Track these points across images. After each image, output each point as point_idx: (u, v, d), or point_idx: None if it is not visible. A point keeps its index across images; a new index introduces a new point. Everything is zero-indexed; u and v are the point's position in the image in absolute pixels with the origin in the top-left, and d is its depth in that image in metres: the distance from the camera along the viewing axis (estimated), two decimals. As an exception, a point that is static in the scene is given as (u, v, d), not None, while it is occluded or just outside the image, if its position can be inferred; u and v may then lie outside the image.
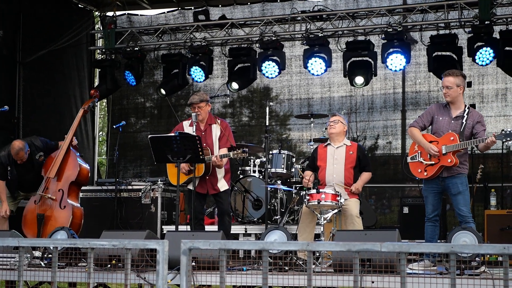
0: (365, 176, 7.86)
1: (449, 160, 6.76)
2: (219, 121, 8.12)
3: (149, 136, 7.70)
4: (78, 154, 8.79)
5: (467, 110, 6.92)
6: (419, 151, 7.03)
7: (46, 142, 8.71)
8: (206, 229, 8.55)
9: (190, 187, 7.88)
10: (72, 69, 12.58)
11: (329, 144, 7.97)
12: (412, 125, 7.15)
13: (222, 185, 8.04)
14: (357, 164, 7.82)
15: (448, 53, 10.51)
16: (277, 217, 9.32)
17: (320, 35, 10.96)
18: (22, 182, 8.59)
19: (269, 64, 10.99)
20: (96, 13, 13.13)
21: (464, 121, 6.84)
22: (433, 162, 6.87)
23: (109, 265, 6.32)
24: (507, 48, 10.17)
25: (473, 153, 9.71)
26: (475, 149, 9.99)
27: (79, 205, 8.60)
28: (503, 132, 6.61)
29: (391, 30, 10.67)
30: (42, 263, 6.71)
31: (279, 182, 9.21)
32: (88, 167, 8.86)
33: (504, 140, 6.62)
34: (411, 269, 6.42)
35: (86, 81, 12.90)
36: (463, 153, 6.90)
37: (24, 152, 8.34)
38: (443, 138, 6.86)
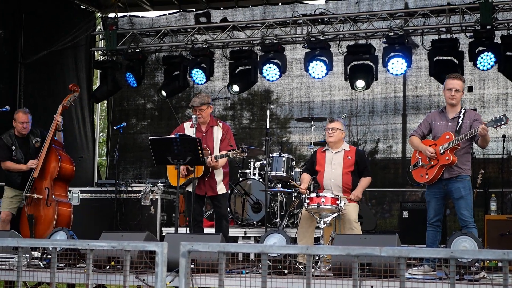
0: (364, 181, 7.81)
1: (446, 158, 6.80)
2: (220, 123, 8.11)
3: (150, 138, 7.70)
4: (72, 155, 8.85)
5: (463, 111, 6.99)
6: (419, 157, 7.08)
7: (43, 131, 8.77)
8: (205, 232, 8.54)
9: (190, 189, 7.87)
10: (71, 70, 12.55)
11: (327, 149, 7.95)
12: (411, 134, 7.31)
13: (221, 188, 8.02)
14: (355, 169, 7.79)
15: (449, 58, 10.51)
16: (277, 220, 9.31)
17: (321, 39, 10.97)
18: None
19: (270, 67, 10.98)
20: (98, 14, 13.14)
21: (460, 120, 6.88)
22: (433, 164, 6.90)
23: (108, 267, 6.31)
24: (508, 53, 10.17)
25: (473, 158, 9.70)
26: (476, 154, 9.99)
27: (67, 200, 8.63)
28: (493, 119, 6.66)
29: (392, 34, 10.66)
30: (41, 264, 6.72)
31: (279, 185, 9.20)
32: (70, 159, 8.73)
33: (494, 125, 6.64)
34: (410, 273, 6.42)
35: (85, 82, 12.89)
36: (464, 153, 6.90)
37: (29, 119, 8.55)
38: (440, 139, 6.94)
